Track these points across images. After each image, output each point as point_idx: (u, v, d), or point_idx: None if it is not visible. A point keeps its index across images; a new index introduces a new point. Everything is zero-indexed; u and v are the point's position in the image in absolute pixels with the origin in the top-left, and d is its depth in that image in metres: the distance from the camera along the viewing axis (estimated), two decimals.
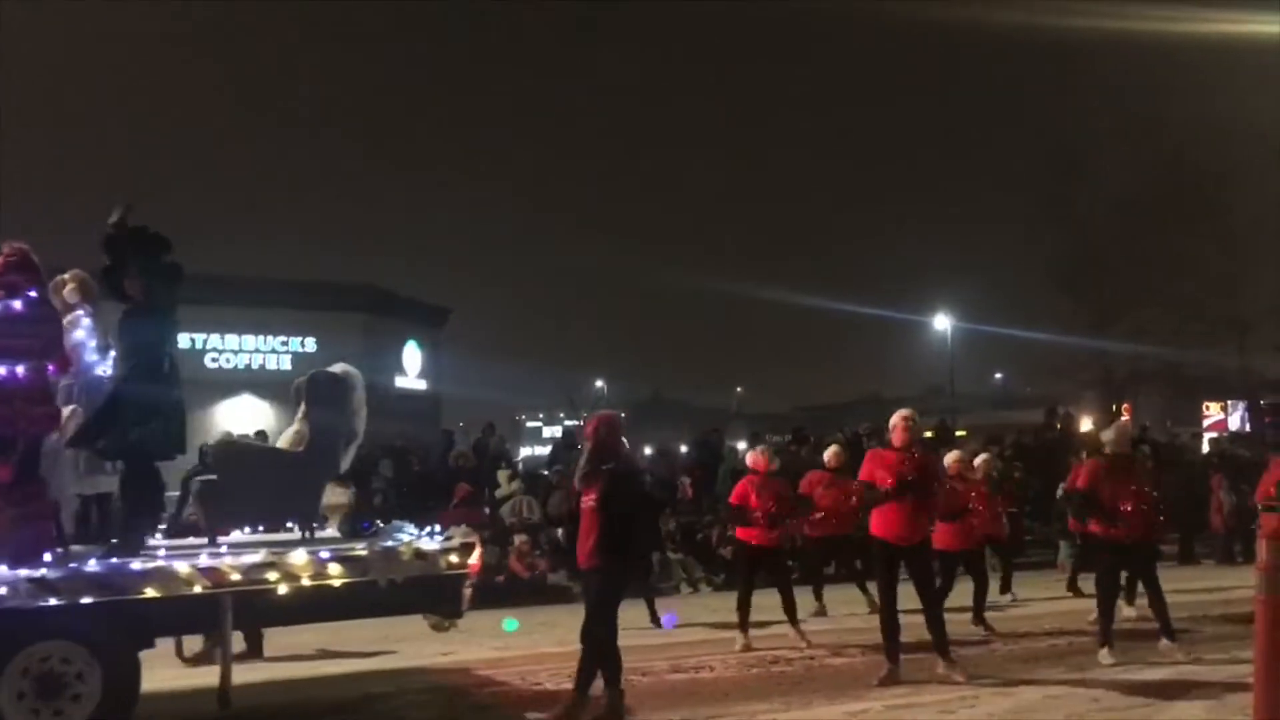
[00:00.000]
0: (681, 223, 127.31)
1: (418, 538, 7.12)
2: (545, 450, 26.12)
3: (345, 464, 7.99)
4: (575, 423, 49.74)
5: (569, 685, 6.76)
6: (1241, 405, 35.64)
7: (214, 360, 27.98)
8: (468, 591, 6.97)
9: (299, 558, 6.27)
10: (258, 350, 28.54)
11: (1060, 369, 33.41)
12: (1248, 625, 6.19)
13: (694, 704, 7.02)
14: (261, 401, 26.79)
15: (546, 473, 17.08)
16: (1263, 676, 4.95)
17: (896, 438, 7.93)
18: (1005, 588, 12.05)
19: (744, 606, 9.43)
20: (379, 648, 9.54)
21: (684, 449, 23.84)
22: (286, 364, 28.46)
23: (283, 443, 7.70)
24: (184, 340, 27.41)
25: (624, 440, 6.94)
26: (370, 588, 6.41)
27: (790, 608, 9.57)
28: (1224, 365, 33.84)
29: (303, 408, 7.60)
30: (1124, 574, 10.53)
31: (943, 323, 39.07)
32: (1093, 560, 9.76)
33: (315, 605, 6.40)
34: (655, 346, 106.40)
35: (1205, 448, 24.75)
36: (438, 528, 7.75)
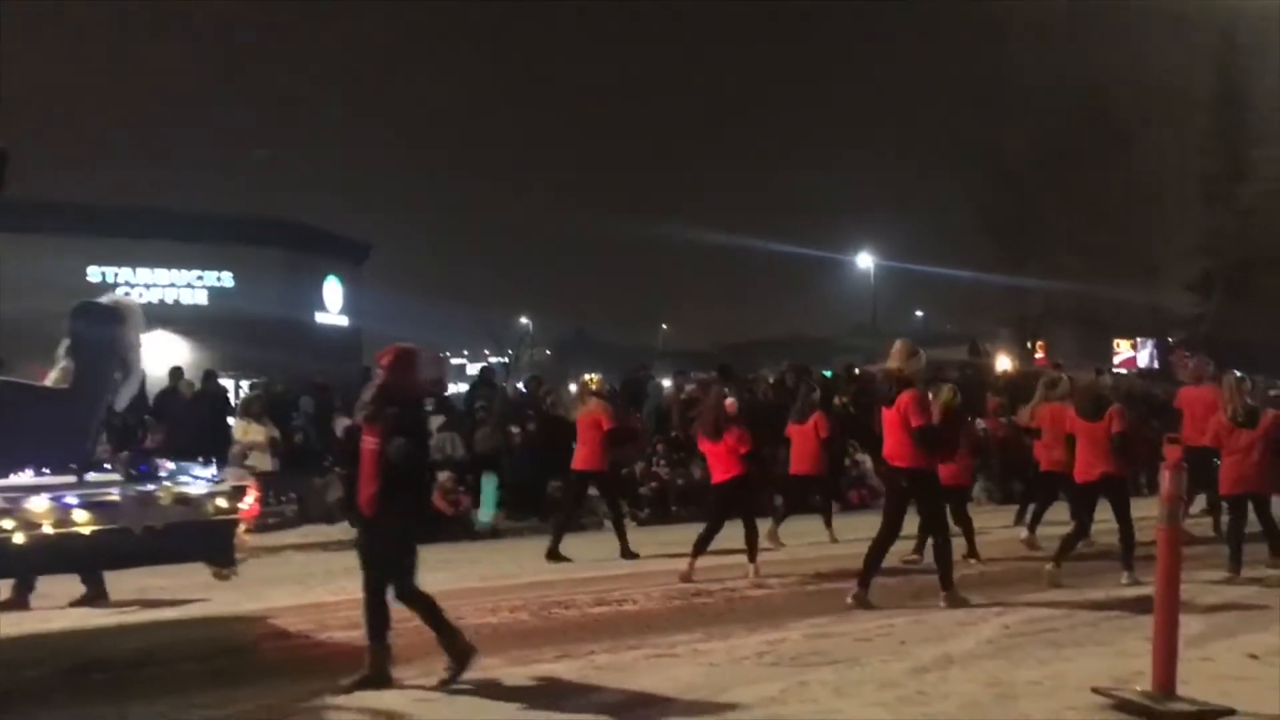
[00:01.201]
0: (605, 161, 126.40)
1: (180, 480, 6.56)
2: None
3: (121, 402, 7.42)
4: (499, 360, 49.53)
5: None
6: (1151, 343, 36.73)
7: (126, 295, 27.25)
8: (246, 538, 6.60)
9: (38, 504, 5.75)
10: (172, 285, 27.84)
11: (978, 307, 34.09)
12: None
13: (616, 635, 7.10)
14: (176, 337, 26.20)
15: (468, 409, 17.00)
16: (1161, 601, 5.15)
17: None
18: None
19: (707, 542, 9.56)
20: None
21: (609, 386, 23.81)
22: (203, 299, 27.87)
23: (49, 380, 7.06)
24: (94, 273, 26.69)
25: (420, 378, 6.38)
26: (125, 536, 5.91)
27: (753, 541, 9.69)
28: (1134, 304, 34.79)
29: (67, 342, 6.83)
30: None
31: (866, 261, 39.55)
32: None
33: (62, 555, 5.91)
34: (580, 284, 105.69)
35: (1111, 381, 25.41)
36: (214, 470, 7.30)
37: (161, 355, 22.13)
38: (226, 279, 28.11)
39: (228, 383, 19.00)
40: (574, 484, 11.63)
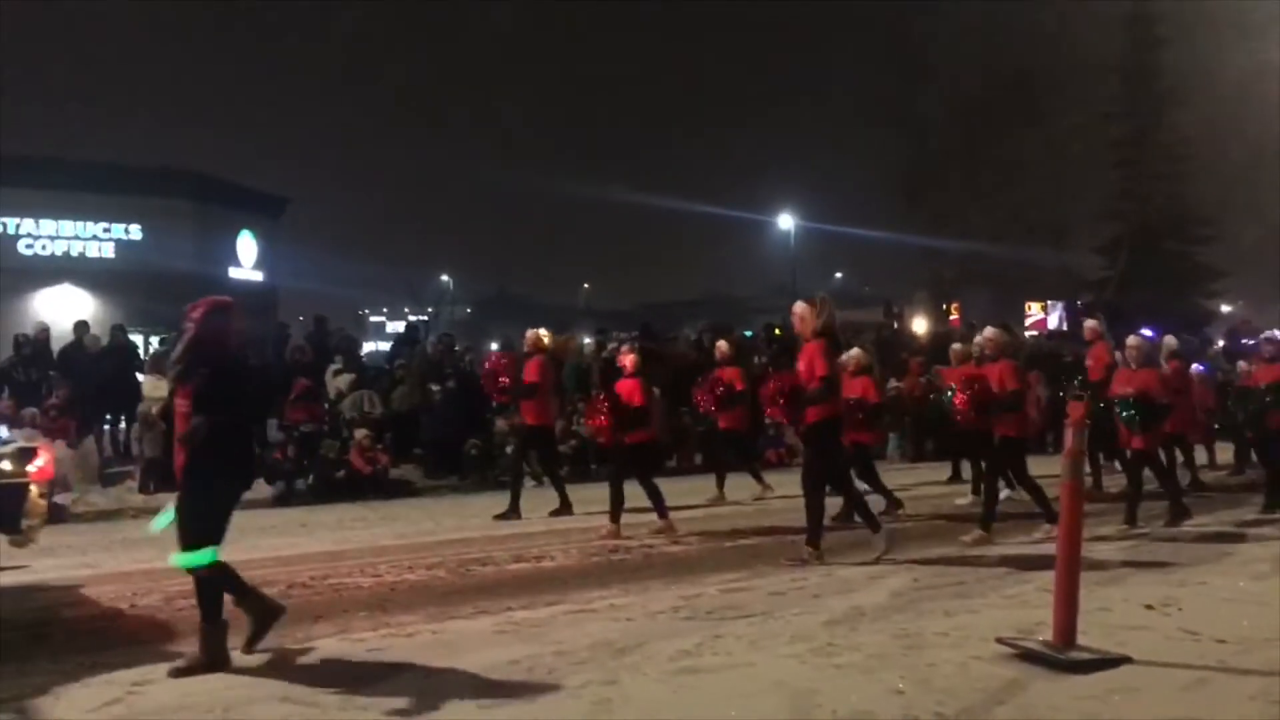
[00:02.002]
0: (528, 120, 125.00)
1: None
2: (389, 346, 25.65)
3: None
4: (420, 318, 48.97)
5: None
6: (1060, 305, 37.67)
7: (29, 246, 26.29)
8: (40, 503, 6.27)
9: None
10: (77, 237, 26.89)
11: (896, 270, 34.64)
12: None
13: (534, 592, 7.13)
14: (82, 291, 25.42)
15: (389, 367, 16.84)
16: (1063, 554, 5.30)
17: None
18: None
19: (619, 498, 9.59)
20: None
21: None
22: (109, 252, 27.00)
23: None
24: None
25: (235, 333, 5.82)
26: None
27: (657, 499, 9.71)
28: (1046, 267, 35.62)
29: None
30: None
31: (787, 222, 39.79)
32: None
33: None
34: (501, 242, 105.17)
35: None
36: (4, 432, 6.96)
37: (67, 309, 21.53)
38: (135, 232, 27.24)
39: (137, 338, 18.53)
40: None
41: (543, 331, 11.49)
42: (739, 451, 12.83)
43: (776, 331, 20.63)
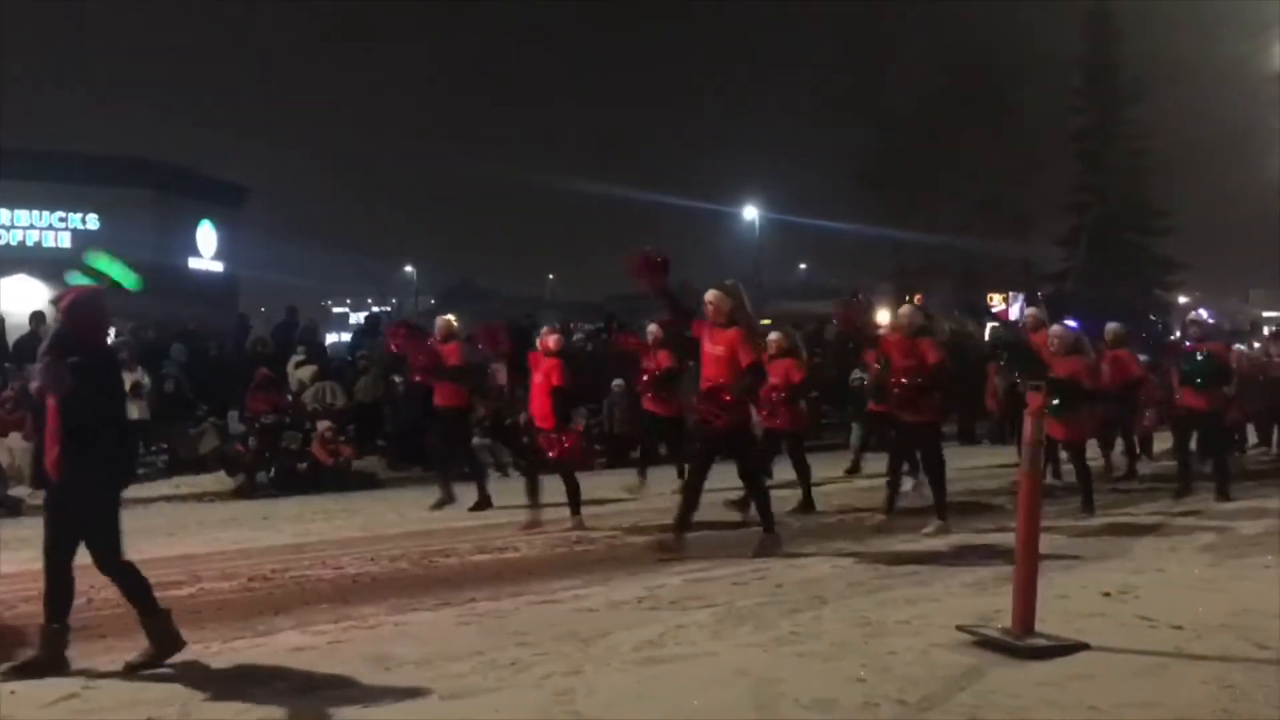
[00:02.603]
0: (495, 110, 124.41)
1: None
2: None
3: None
4: (383, 309, 48.66)
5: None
6: (1021, 297, 38.01)
7: None
8: None
9: None
10: (33, 226, 26.50)
11: (860, 261, 34.83)
12: (1014, 497, 6.74)
13: (497, 583, 7.11)
14: (38, 281, 25.01)
15: (351, 358, 16.73)
16: (1022, 542, 5.36)
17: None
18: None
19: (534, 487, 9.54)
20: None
21: None
22: (66, 241, 26.59)
23: None
24: None
25: (105, 326, 5.69)
26: None
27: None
28: (1007, 258, 35.94)
29: None
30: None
31: (751, 213, 39.83)
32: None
33: None
34: (466, 233, 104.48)
35: (988, 335, 26.27)
36: None
37: (23, 300, 21.18)
38: (92, 221, 26.86)
39: None
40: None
41: (452, 318, 11.48)
42: (670, 440, 12.56)
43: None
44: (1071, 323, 11.06)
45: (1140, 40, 33.03)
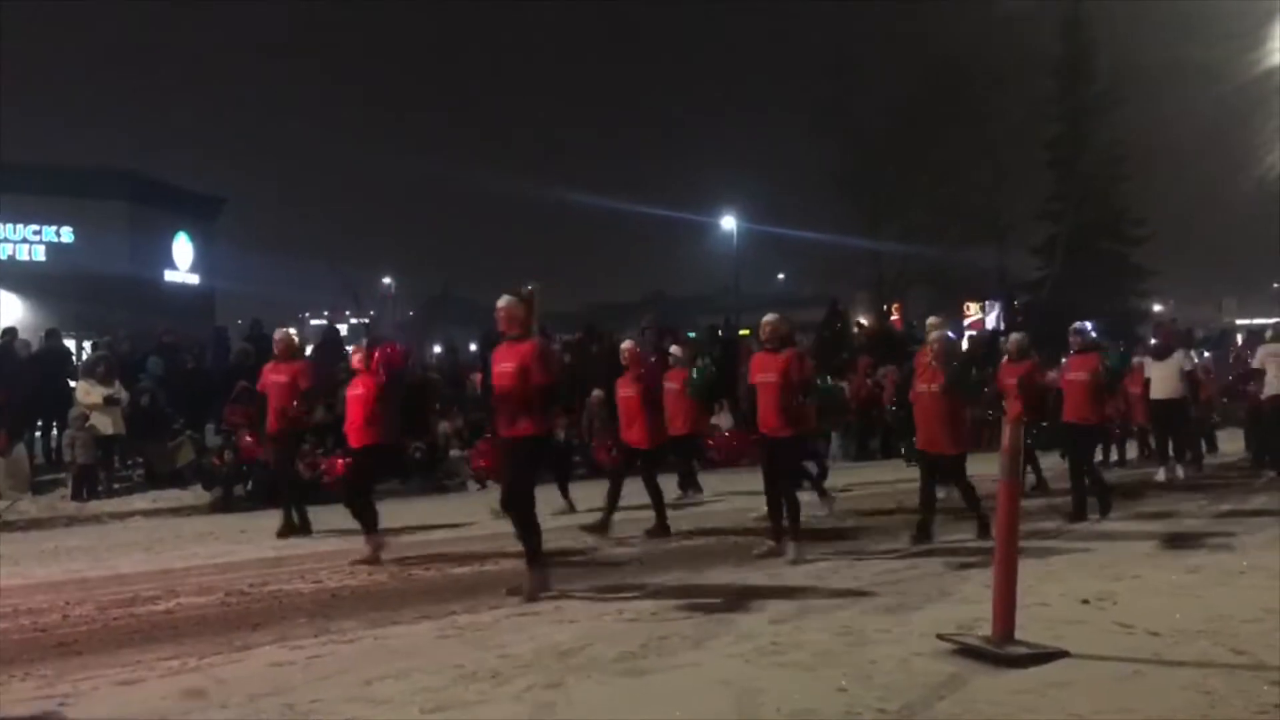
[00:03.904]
0: (475, 120, 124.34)
1: None
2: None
3: None
4: (362, 320, 48.47)
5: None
6: (998, 305, 38.21)
7: None
8: None
9: None
10: (6, 240, 26.23)
11: (837, 270, 34.91)
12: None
13: (477, 595, 7.08)
14: (11, 295, 24.81)
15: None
16: (1001, 551, 5.38)
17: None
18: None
19: None
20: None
21: (473, 346, 23.68)
22: (40, 255, 26.37)
23: None
24: None
25: None
26: None
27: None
28: (983, 266, 36.13)
29: None
30: None
31: (730, 223, 39.88)
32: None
33: None
34: (444, 243, 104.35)
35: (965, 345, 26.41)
36: None
37: None
38: (67, 234, 26.62)
39: (70, 343, 18.13)
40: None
41: (292, 331, 10.73)
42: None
43: (719, 333, 20.75)
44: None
45: (1114, 48, 33.35)
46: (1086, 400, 9.87)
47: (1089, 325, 10.90)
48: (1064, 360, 10.45)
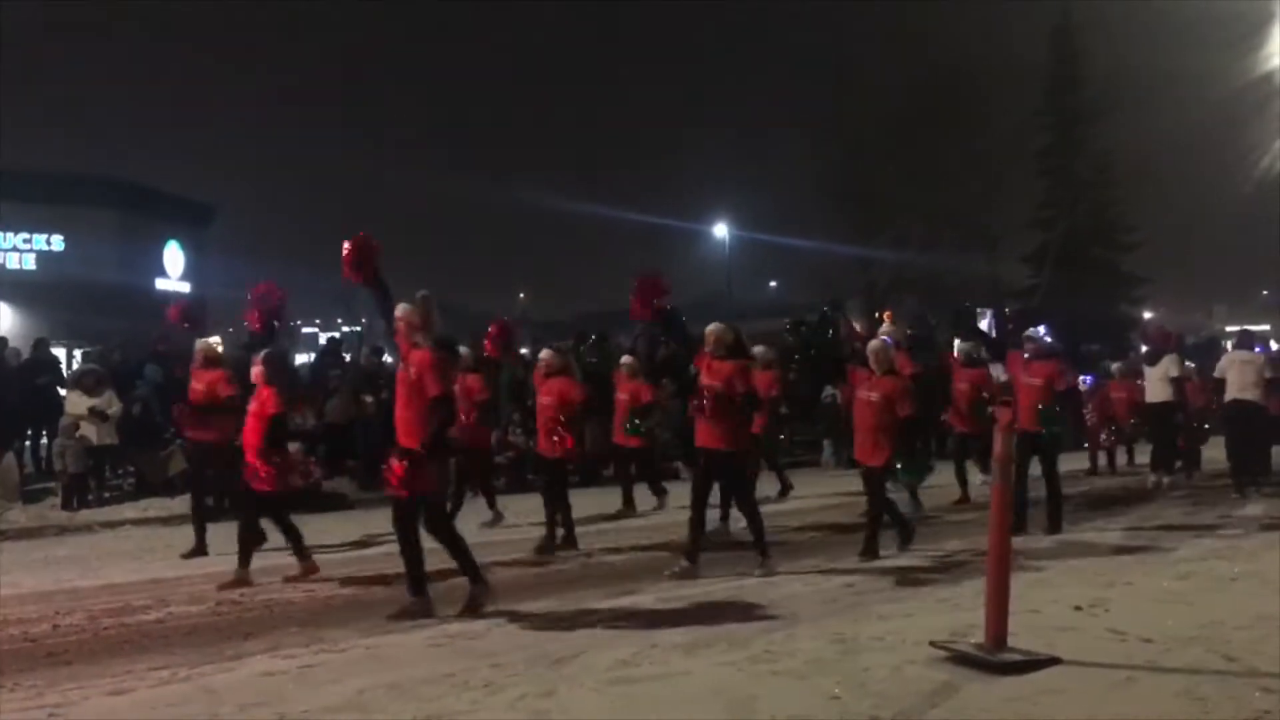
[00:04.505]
0: (466, 126, 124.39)
1: None
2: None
3: None
4: (353, 329, 48.32)
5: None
6: (990, 312, 38.20)
7: None
8: None
9: None
10: None
11: (829, 277, 34.92)
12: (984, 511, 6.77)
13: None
14: (1, 304, 24.74)
15: (314, 378, 16.61)
16: (994, 558, 5.38)
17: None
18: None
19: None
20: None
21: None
22: (31, 263, 26.30)
23: None
24: None
25: None
26: None
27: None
28: (976, 274, 36.18)
29: None
30: None
31: (722, 230, 39.91)
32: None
33: None
34: (435, 251, 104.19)
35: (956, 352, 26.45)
36: None
37: None
38: (57, 242, 26.56)
39: (60, 352, 18.07)
40: None
41: (214, 340, 10.15)
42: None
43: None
44: (884, 337, 10.85)
45: (1104, 56, 33.49)
46: (1034, 408, 9.45)
47: (1043, 330, 10.83)
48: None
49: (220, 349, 10.05)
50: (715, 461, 7.97)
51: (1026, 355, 10.02)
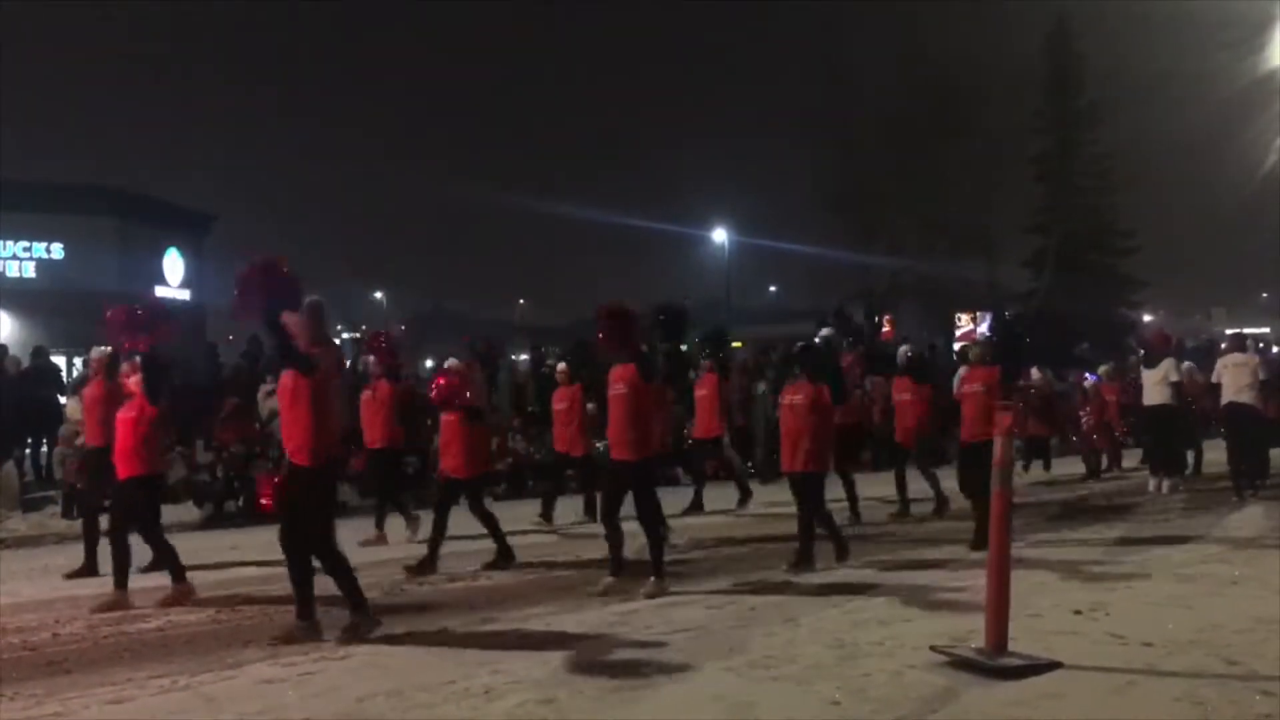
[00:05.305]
0: (460, 135, 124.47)
1: None
2: None
3: None
4: (354, 335, 48.31)
5: None
6: (989, 316, 38.23)
7: None
8: None
9: None
10: None
11: (828, 282, 34.93)
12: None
13: (471, 610, 7.07)
14: (1, 312, 24.71)
15: None
16: (993, 562, 5.38)
17: None
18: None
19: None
20: None
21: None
22: (30, 271, 26.29)
23: None
24: None
25: None
26: None
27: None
28: (974, 279, 36.18)
29: None
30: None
31: (721, 236, 39.86)
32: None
33: None
34: (436, 258, 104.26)
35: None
36: None
37: None
38: (57, 251, 26.54)
39: (60, 360, 18.06)
40: None
41: (106, 349, 9.35)
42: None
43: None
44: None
45: (1103, 58, 33.53)
46: (982, 416, 9.03)
47: (989, 331, 10.67)
48: (960, 373, 9.68)
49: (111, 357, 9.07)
50: (624, 472, 7.64)
51: (971, 360, 9.77)
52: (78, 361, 18.42)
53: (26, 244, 26.46)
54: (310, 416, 6.05)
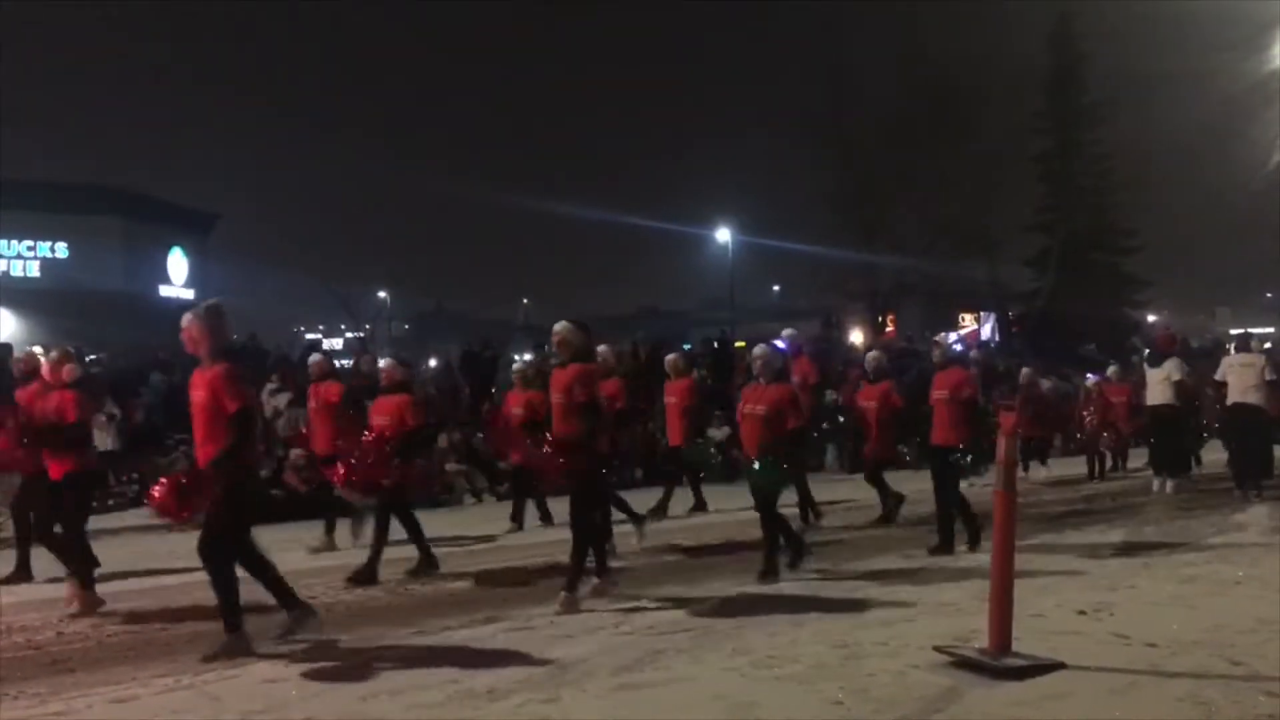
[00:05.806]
0: (464, 135, 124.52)
1: None
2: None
3: None
4: (357, 334, 48.40)
5: None
6: (992, 316, 38.18)
7: None
8: None
9: None
10: (1, 256, 26.30)
11: (831, 282, 34.88)
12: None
13: (473, 610, 7.06)
14: (6, 311, 24.82)
15: None
16: (997, 562, 5.38)
17: None
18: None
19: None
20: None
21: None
22: (35, 270, 26.43)
23: None
24: None
25: None
26: None
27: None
28: (977, 278, 36.12)
29: None
30: None
31: (724, 235, 39.84)
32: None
33: None
34: (439, 258, 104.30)
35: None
36: None
37: None
38: (61, 250, 26.71)
39: None
40: None
41: (37, 349, 8.94)
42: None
43: (715, 345, 20.79)
44: (779, 343, 10.31)
45: (1105, 58, 33.50)
46: (951, 421, 8.98)
47: (952, 337, 10.50)
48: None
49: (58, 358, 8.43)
50: (569, 479, 7.30)
51: (935, 363, 9.69)
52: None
53: (31, 244, 26.61)
54: (232, 418, 5.96)
